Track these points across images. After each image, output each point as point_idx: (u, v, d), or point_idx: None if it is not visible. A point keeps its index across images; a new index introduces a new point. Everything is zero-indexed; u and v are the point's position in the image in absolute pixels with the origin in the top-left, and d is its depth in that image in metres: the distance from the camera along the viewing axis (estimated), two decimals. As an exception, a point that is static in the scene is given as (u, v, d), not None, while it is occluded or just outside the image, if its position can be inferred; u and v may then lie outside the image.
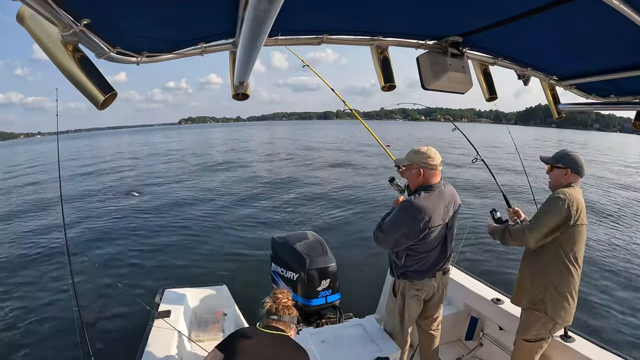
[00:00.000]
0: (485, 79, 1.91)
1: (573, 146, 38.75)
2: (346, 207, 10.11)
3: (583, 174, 2.21)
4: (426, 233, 2.17)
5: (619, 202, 11.81)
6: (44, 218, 10.23)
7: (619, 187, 14.53)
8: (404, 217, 2.17)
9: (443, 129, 48.38)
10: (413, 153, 2.26)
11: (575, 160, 2.19)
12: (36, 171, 23.21)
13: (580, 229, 2.11)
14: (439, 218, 2.19)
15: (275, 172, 17.42)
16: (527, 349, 2.25)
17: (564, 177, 2.20)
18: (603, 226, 8.93)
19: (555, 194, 2.15)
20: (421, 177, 2.23)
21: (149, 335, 2.44)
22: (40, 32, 0.98)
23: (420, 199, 2.16)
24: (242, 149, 32.56)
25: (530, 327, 2.22)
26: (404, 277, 2.31)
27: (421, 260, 2.25)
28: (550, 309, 2.14)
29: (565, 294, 2.12)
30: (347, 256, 6.30)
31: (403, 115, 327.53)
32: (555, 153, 2.28)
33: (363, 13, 1.34)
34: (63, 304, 5.12)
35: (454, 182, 12.74)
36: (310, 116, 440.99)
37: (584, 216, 2.12)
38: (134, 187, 14.36)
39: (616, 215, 10.06)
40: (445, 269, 2.38)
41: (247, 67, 1.23)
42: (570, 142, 45.58)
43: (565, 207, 2.06)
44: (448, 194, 2.27)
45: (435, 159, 2.22)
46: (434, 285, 2.33)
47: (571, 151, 2.24)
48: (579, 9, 1.13)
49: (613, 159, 27.16)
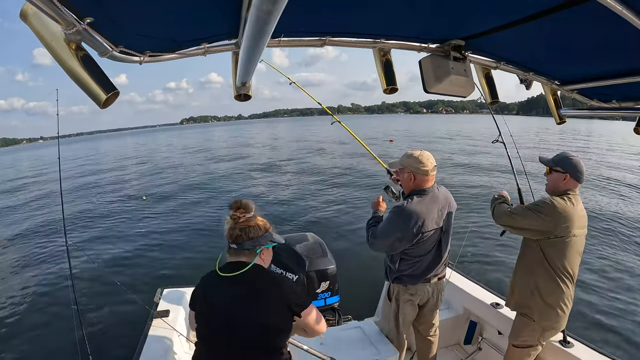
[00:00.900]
0: (487, 83, 1.92)
1: (575, 137, 38.12)
2: (347, 208, 10.11)
3: (582, 181, 2.11)
4: (420, 237, 2.16)
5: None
6: (44, 218, 10.25)
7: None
8: (397, 222, 2.15)
9: (442, 120, 48.40)
10: (406, 157, 2.24)
11: (575, 165, 2.09)
12: (37, 173, 23.28)
13: (570, 240, 2.03)
14: (432, 222, 2.17)
15: (275, 172, 17.42)
16: (515, 354, 2.24)
17: (562, 182, 2.12)
18: (606, 227, 8.90)
19: (546, 199, 2.08)
20: (412, 181, 2.22)
21: (147, 334, 2.44)
22: (43, 30, 0.98)
23: (412, 204, 2.15)
24: (243, 148, 32.59)
25: (519, 333, 2.21)
26: (398, 282, 2.31)
27: (415, 265, 2.24)
28: (536, 316, 2.12)
29: (551, 302, 2.08)
30: (347, 258, 6.29)
31: (404, 109, 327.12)
32: (555, 155, 2.19)
33: (366, 15, 1.35)
34: (62, 303, 5.12)
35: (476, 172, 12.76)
36: (312, 112, 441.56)
37: (576, 228, 2.03)
38: (138, 190, 14.38)
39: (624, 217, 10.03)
40: (441, 275, 2.37)
41: (250, 68, 1.24)
42: (574, 132, 44.78)
43: (550, 217, 2.00)
44: (442, 198, 2.25)
45: (428, 164, 2.18)
46: (428, 290, 2.32)
47: (572, 155, 2.14)
48: (581, 13, 1.13)
49: (621, 148, 26.38)
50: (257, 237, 1.43)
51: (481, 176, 14.65)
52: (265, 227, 1.47)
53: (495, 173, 15.40)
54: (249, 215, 1.44)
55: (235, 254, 1.43)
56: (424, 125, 60.05)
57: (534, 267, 2.13)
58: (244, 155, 26.68)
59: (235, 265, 1.40)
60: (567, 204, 2.04)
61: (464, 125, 13.80)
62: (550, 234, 2.03)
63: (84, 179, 17.50)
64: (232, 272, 1.38)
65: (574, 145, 28.53)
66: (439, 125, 42.82)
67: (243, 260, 1.42)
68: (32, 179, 19.98)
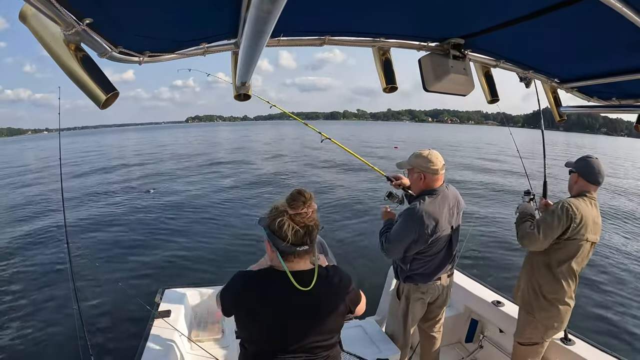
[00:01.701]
0: (487, 81, 1.91)
1: (581, 151, 38.36)
2: (347, 209, 10.10)
3: (595, 181, 2.06)
4: (435, 238, 2.13)
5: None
6: (45, 216, 10.25)
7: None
8: (411, 224, 2.12)
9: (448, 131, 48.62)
10: (414, 157, 2.22)
11: (586, 166, 2.06)
12: (39, 168, 23.26)
13: (580, 243, 2.02)
14: (445, 221, 2.16)
15: (276, 172, 17.42)
16: (521, 352, 2.25)
17: (574, 183, 2.12)
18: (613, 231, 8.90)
19: (557, 205, 2.08)
20: (422, 181, 2.20)
21: (148, 335, 2.44)
22: (42, 31, 0.98)
23: (425, 205, 2.12)
24: (247, 149, 32.57)
25: (524, 331, 2.22)
26: (410, 281, 2.29)
27: (427, 264, 2.24)
28: (538, 314, 2.13)
29: (553, 301, 2.09)
30: (348, 258, 6.30)
31: (410, 117, 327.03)
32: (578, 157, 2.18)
33: (365, 14, 1.34)
34: (63, 303, 5.12)
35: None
36: (317, 116, 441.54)
37: (588, 232, 2.01)
38: (142, 186, 14.38)
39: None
40: (450, 272, 2.37)
41: (249, 67, 1.23)
42: (578, 147, 45.16)
43: (559, 225, 1.99)
44: (451, 196, 2.24)
45: (437, 163, 2.16)
46: (439, 288, 2.32)
47: (589, 157, 2.10)
48: (580, 11, 1.13)
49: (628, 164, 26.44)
50: (319, 227, 1.28)
51: (485, 175, 14.64)
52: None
53: (497, 172, 15.40)
54: (315, 206, 1.27)
55: (301, 256, 1.27)
56: (429, 134, 59.90)
57: (539, 267, 2.14)
58: (247, 155, 26.68)
59: (308, 274, 1.26)
60: (582, 204, 2.02)
61: (469, 134, 13.67)
62: (564, 234, 2.01)
63: (87, 177, 17.48)
64: (306, 282, 1.25)
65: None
66: (445, 134, 42.99)
67: (308, 263, 1.30)
68: (34, 174, 19.95)
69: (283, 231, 1.20)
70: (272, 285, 1.26)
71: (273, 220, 1.23)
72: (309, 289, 1.23)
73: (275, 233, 1.22)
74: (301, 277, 1.24)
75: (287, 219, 1.21)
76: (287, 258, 1.24)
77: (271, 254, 1.29)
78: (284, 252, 1.23)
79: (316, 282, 1.25)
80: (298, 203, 1.22)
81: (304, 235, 1.22)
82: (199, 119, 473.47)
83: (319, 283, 1.26)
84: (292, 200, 1.24)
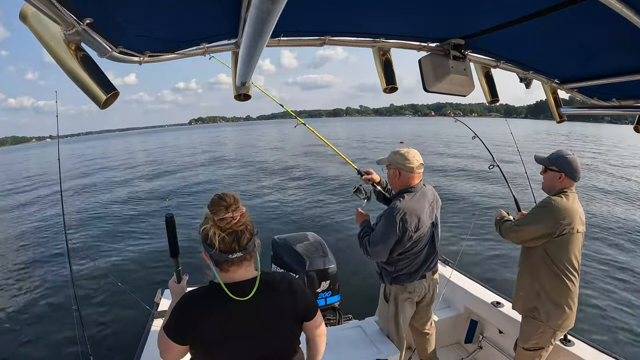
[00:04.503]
0: (487, 82, 1.91)
1: (584, 140, 37.93)
2: (347, 209, 10.09)
3: (578, 179, 2.12)
4: (418, 235, 2.18)
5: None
6: (44, 218, 10.25)
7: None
8: (394, 222, 2.13)
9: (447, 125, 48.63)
10: (393, 154, 2.29)
11: (570, 164, 2.09)
12: (40, 172, 23.27)
13: (572, 237, 2.04)
14: (427, 217, 2.22)
15: (276, 172, 17.41)
16: (526, 357, 2.23)
17: (557, 181, 2.12)
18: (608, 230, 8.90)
19: (544, 202, 2.10)
20: (398, 178, 2.26)
21: (148, 334, 2.44)
22: (42, 30, 0.98)
23: (405, 202, 2.17)
24: (249, 148, 32.55)
25: (530, 337, 2.19)
26: (396, 282, 2.32)
27: (411, 262, 2.27)
28: (545, 317, 2.11)
29: (558, 301, 2.08)
30: (348, 258, 6.27)
31: (412, 111, 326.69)
32: (550, 154, 2.19)
33: (365, 15, 1.35)
34: (62, 303, 5.12)
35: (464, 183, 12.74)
36: (320, 114, 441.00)
37: (577, 223, 2.04)
38: (139, 189, 14.37)
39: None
40: (435, 269, 2.41)
41: (250, 67, 1.23)
42: (582, 136, 44.74)
43: (550, 218, 2.03)
44: (430, 194, 2.31)
45: (414, 161, 2.21)
46: (425, 286, 2.36)
47: (567, 153, 2.14)
48: (581, 12, 1.13)
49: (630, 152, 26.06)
50: (253, 232, 1.21)
51: (483, 178, 14.64)
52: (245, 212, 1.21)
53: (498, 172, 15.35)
54: (244, 209, 1.20)
55: (238, 263, 1.19)
56: (431, 129, 59.73)
57: (538, 268, 2.12)
58: (249, 154, 26.67)
59: (248, 283, 1.20)
60: (566, 201, 2.06)
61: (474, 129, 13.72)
62: (554, 234, 2.03)
63: (86, 179, 17.51)
64: (245, 291, 1.18)
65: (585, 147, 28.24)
66: (446, 128, 43.00)
67: (252, 270, 1.23)
68: (35, 179, 19.99)
69: (209, 239, 1.15)
70: (213, 300, 1.20)
71: (201, 228, 1.19)
72: (246, 299, 1.16)
73: (205, 241, 1.18)
74: (240, 287, 1.18)
75: (212, 225, 1.15)
76: (223, 267, 1.19)
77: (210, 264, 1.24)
78: (217, 262, 1.18)
79: (257, 290, 1.19)
80: (219, 208, 1.16)
81: (232, 241, 1.15)
82: (202, 121, 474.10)
83: (260, 291, 1.20)
84: (212, 206, 1.18)
